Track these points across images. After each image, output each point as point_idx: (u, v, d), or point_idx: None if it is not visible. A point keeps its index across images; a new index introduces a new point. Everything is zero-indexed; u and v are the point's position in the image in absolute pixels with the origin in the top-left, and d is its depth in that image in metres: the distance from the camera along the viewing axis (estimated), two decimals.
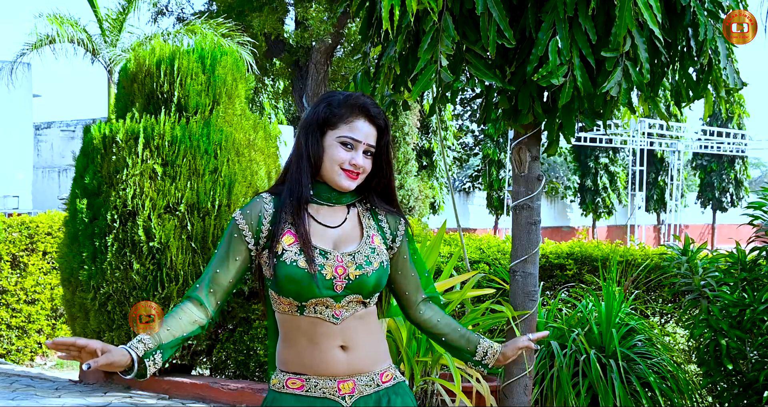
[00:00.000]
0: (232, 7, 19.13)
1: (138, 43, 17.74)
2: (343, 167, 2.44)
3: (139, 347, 2.26)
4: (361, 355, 2.45)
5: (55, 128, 23.44)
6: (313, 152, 2.45)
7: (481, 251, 6.63)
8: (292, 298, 2.40)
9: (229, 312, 7.05)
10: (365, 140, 2.46)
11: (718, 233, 35.74)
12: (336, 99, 2.48)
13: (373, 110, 2.48)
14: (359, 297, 2.44)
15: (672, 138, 27.51)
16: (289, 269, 2.38)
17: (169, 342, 2.35)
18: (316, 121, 2.47)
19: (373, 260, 2.47)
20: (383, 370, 2.51)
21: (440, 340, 2.70)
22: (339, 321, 2.42)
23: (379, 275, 2.47)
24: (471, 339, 2.67)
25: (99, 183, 6.81)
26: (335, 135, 2.45)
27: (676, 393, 5.20)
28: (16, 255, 9.52)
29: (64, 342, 2.13)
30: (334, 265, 2.41)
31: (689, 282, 5.29)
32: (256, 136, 7.23)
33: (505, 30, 3.58)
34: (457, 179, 34.19)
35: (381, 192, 2.58)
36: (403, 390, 2.55)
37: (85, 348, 2.15)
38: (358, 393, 2.45)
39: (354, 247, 2.48)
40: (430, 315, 2.69)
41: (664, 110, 4.02)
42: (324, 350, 2.42)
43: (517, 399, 4.41)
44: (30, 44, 17.80)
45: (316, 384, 2.43)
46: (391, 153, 2.56)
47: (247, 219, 2.46)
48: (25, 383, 7.72)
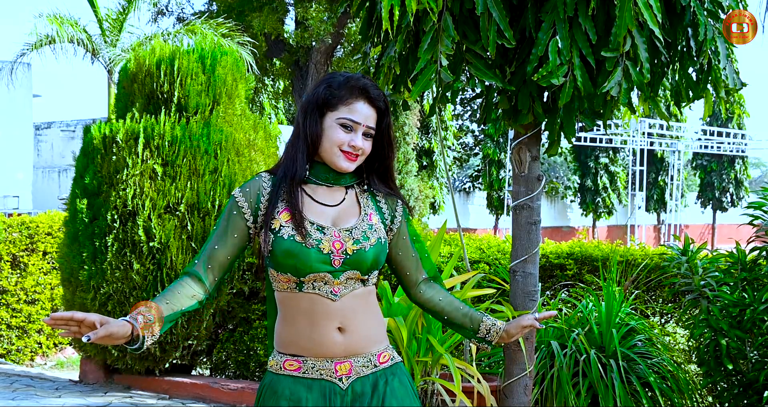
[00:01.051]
0: (232, 7, 19.14)
1: (138, 43, 17.74)
2: (342, 149, 2.46)
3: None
4: (359, 337, 2.47)
5: (55, 128, 23.44)
6: (311, 132, 2.47)
7: (481, 251, 6.63)
8: (290, 273, 2.42)
9: (229, 312, 7.05)
10: (365, 122, 2.48)
11: (718, 233, 35.73)
12: (336, 81, 2.50)
13: (374, 91, 2.50)
14: (357, 274, 2.46)
15: (672, 138, 27.51)
16: (287, 243, 2.40)
17: (168, 315, 2.37)
18: (315, 102, 2.49)
19: (371, 235, 2.49)
20: (380, 351, 2.53)
21: (443, 318, 2.73)
22: (337, 298, 2.43)
23: (377, 251, 2.49)
24: (474, 317, 2.70)
25: (99, 183, 6.81)
26: (335, 117, 2.47)
27: (676, 393, 5.20)
28: (17, 255, 9.52)
29: (62, 316, 2.14)
30: (331, 240, 2.43)
31: (689, 282, 5.29)
32: (256, 136, 7.24)
33: (505, 30, 3.58)
34: (457, 179, 34.18)
35: (380, 174, 2.60)
36: (401, 371, 2.56)
37: (84, 321, 2.16)
38: (355, 375, 2.46)
39: (352, 223, 2.50)
40: (432, 294, 2.72)
41: (664, 110, 4.03)
42: (322, 332, 2.43)
43: (518, 399, 4.41)
44: (30, 44, 17.80)
45: (313, 366, 2.44)
46: (392, 135, 2.57)
47: (246, 197, 2.49)
48: (25, 383, 7.72)
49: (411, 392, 2.55)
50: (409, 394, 2.53)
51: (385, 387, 2.48)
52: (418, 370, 4.84)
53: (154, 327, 2.30)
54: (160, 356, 6.83)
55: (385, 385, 2.49)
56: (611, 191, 32.49)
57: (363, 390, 2.46)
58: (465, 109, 36.01)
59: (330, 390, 2.43)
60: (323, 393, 2.43)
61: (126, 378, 7.16)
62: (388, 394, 2.47)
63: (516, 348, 4.35)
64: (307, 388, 2.43)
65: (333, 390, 2.44)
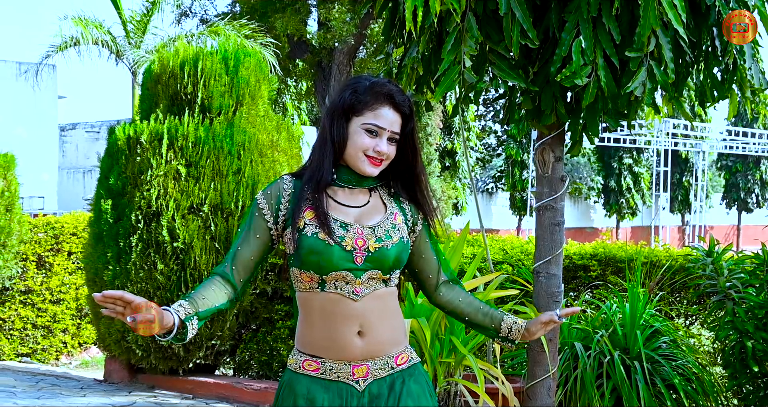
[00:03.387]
0: (255, 9, 19.18)
1: (162, 44, 17.82)
2: (366, 154, 2.48)
3: (180, 311, 2.34)
4: (377, 341, 2.48)
5: (79, 129, 23.61)
6: (337, 138, 2.49)
7: (504, 252, 6.61)
8: (313, 271, 2.44)
9: (252, 312, 7.07)
10: (390, 127, 2.49)
11: (744, 234, 35.45)
12: (362, 85, 2.51)
13: (399, 97, 2.51)
14: (379, 273, 2.47)
15: (696, 138, 27.29)
16: (310, 240, 2.42)
17: (204, 310, 2.42)
18: (341, 107, 2.50)
19: (393, 234, 2.51)
20: (398, 353, 2.54)
21: (464, 319, 2.73)
22: (359, 298, 2.45)
23: (399, 250, 2.50)
24: (495, 317, 2.69)
25: (123, 184, 6.85)
26: (360, 122, 2.48)
27: (701, 395, 5.16)
28: (42, 255, 9.60)
29: (112, 294, 2.20)
30: (354, 237, 2.45)
31: (714, 284, 5.25)
32: (279, 137, 7.25)
33: (528, 30, 3.57)
34: (480, 179, 34.12)
35: (405, 179, 2.61)
36: (418, 372, 2.57)
37: (132, 303, 2.21)
38: (372, 377, 2.48)
39: (376, 221, 2.52)
40: (452, 296, 2.72)
41: (688, 110, 3.99)
42: (341, 335, 2.45)
43: (541, 400, 4.39)
44: (55, 46, 17.93)
45: (331, 368, 2.47)
46: (417, 139, 2.58)
47: (267, 199, 2.52)
48: (50, 382, 7.78)
49: (427, 392, 2.55)
50: (425, 395, 2.54)
51: (401, 388, 2.50)
52: (441, 371, 4.83)
53: (194, 321, 2.36)
54: (183, 356, 6.86)
55: (401, 386, 2.50)
56: (635, 191, 32.31)
57: (380, 392, 2.48)
58: (488, 109, 35.93)
59: (347, 392, 2.46)
60: (340, 394, 2.46)
61: (150, 377, 7.20)
62: (404, 395, 2.49)
63: (539, 350, 4.34)
64: (324, 389, 2.46)
65: (350, 391, 2.46)
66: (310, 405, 2.45)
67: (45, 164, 19.67)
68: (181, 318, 2.32)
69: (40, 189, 18.95)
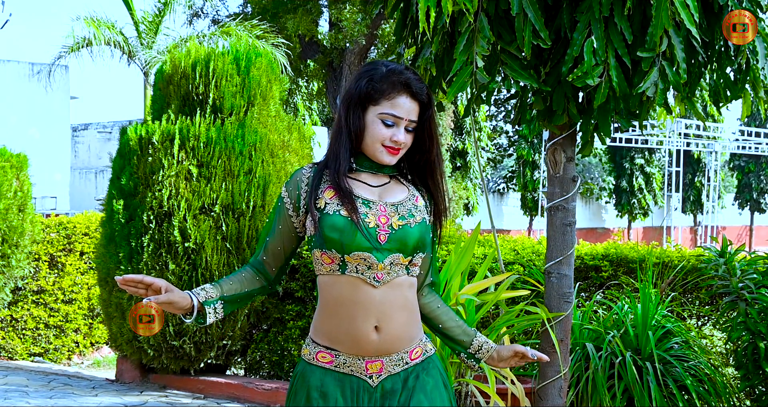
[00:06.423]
0: (266, 9, 19.23)
1: (174, 45, 17.88)
2: (384, 144, 2.47)
3: (201, 294, 2.43)
4: (393, 337, 2.46)
5: (92, 130, 23.69)
6: (354, 128, 2.47)
7: (516, 253, 6.60)
8: (335, 250, 2.41)
9: (263, 313, 7.09)
10: (407, 116, 2.47)
11: (756, 234, 35.34)
12: (378, 73, 2.48)
13: (416, 85, 2.48)
14: (401, 257, 2.44)
15: (709, 139, 27.19)
16: (333, 218, 2.42)
17: (231, 295, 2.49)
18: (358, 96, 2.48)
19: (416, 214, 2.50)
20: (413, 347, 2.52)
21: (437, 327, 2.69)
22: (379, 285, 2.42)
23: (422, 230, 2.49)
24: (468, 332, 2.68)
25: (135, 184, 6.87)
26: (377, 111, 2.46)
27: (713, 396, 5.14)
28: (54, 255, 9.64)
29: (132, 278, 2.33)
30: (377, 214, 2.44)
31: (727, 284, 5.23)
32: (291, 137, 7.26)
33: (540, 30, 3.57)
34: (491, 180, 34.10)
35: (421, 169, 2.59)
36: (433, 365, 2.56)
37: (152, 285, 2.34)
38: (386, 373, 2.47)
39: (399, 198, 2.51)
40: (432, 300, 2.68)
41: (700, 111, 3.99)
42: (358, 329, 2.43)
43: (552, 401, 4.39)
44: (67, 47, 18.01)
45: (345, 362, 2.46)
46: (435, 127, 2.55)
47: (288, 188, 2.54)
48: (62, 381, 7.81)
49: (441, 384, 2.54)
50: (438, 386, 2.53)
51: (414, 382, 2.49)
52: (452, 371, 4.83)
53: (217, 305, 2.45)
54: (195, 356, 6.88)
55: (415, 380, 2.49)
56: (647, 192, 32.22)
57: (393, 387, 2.47)
58: (499, 110, 35.90)
59: (359, 386, 2.45)
60: (352, 388, 2.45)
61: (161, 377, 7.22)
62: (417, 389, 2.48)
63: (551, 350, 4.33)
64: (337, 381, 2.46)
65: (362, 386, 2.46)
66: (323, 398, 2.44)
67: (57, 164, 19.75)
68: (200, 300, 2.41)
69: (52, 189, 19.03)
